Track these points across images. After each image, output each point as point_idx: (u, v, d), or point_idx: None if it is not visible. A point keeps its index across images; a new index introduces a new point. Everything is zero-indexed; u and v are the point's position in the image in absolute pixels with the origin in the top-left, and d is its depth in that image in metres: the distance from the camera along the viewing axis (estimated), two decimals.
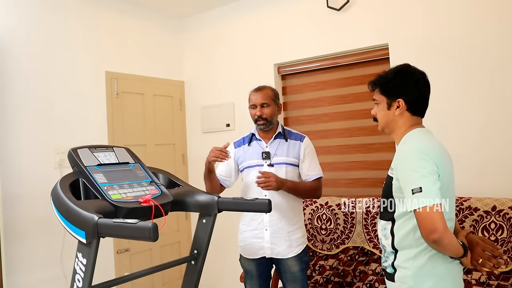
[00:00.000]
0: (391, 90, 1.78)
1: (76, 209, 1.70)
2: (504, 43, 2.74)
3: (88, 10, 3.55)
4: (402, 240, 1.71)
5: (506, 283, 2.46)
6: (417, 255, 1.67)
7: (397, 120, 1.78)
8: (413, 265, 1.67)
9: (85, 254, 1.68)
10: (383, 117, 1.82)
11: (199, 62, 4.31)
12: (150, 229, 1.46)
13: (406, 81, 1.77)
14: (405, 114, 1.77)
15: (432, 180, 1.57)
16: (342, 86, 3.50)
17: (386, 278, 1.81)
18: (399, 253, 1.72)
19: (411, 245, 1.68)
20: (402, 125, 1.78)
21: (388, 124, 1.81)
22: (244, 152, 2.59)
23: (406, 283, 1.68)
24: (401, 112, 1.76)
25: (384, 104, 1.80)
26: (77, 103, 3.42)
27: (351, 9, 3.33)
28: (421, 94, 1.78)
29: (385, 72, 1.85)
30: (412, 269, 1.67)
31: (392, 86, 1.79)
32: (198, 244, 2.17)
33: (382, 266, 1.85)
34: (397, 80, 1.79)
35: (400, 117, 1.77)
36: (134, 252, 3.75)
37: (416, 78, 1.78)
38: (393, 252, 1.75)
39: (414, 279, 1.66)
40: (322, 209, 3.23)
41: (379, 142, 3.25)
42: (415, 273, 1.66)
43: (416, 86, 1.77)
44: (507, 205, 2.53)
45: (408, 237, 1.69)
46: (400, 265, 1.71)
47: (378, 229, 1.86)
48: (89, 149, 2.10)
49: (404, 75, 1.80)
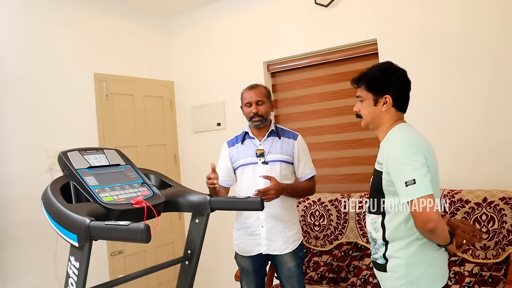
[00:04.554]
0: (377, 87, 1.83)
1: (68, 212, 1.68)
2: (495, 35, 2.76)
3: (75, 12, 3.52)
4: (394, 232, 1.75)
5: (498, 274, 2.48)
6: (409, 245, 1.72)
7: (383, 116, 1.83)
8: (405, 254, 1.72)
9: (78, 258, 1.66)
10: (369, 113, 1.86)
11: (188, 61, 4.29)
12: (142, 231, 1.45)
13: (392, 78, 1.83)
14: (391, 110, 1.82)
15: (423, 172, 1.62)
16: (332, 82, 3.51)
17: (377, 269, 1.85)
18: (390, 244, 1.77)
19: (402, 236, 1.73)
20: (387, 121, 1.83)
21: (374, 120, 1.86)
22: (238, 150, 2.59)
23: (398, 271, 1.73)
24: (387, 108, 1.81)
25: (370, 101, 1.84)
26: (66, 106, 3.39)
27: (339, 5, 3.34)
28: (405, 90, 1.85)
29: (369, 69, 1.90)
30: (404, 258, 1.72)
31: (379, 83, 1.83)
32: (192, 244, 2.16)
33: (372, 258, 1.88)
34: (383, 77, 1.84)
35: (386, 113, 1.82)
36: (128, 254, 3.73)
37: (400, 75, 1.85)
38: (384, 243, 1.79)
39: (406, 267, 1.72)
40: (315, 206, 3.24)
41: (370, 138, 3.25)
42: (407, 262, 1.72)
43: (401, 83, 1.84)
44: (498, 197, 2.55)
45: (400, 228, 1.74)
46: (392, 255, 1.76)
47: (367, 223, 1.90)
48: (79, 151, 2.09)
49: (389, 72, 1.85)
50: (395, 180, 1.67)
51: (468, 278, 2.53)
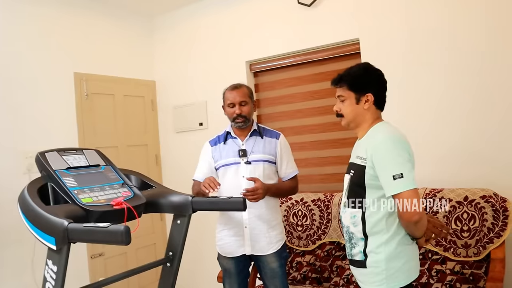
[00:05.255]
0: (360, 86, 1.89)
1: (45, 214, 1.64)
2: (475, 33, 2.77)
3: (54, 9, 3.45)
4: (374, 226, 1.80)
5: (479, 271, 2.51)
6: (389, 240, 1.78)
7: (364, 114, 1.89)
8: (385, 250, 1.78)
9: (56, 261, 1.63)
10: (351, 111, 1.91)
11: (170, 61, 4.25)
12: (122, 233, 1.43)
13: (372, 77, 1.91)
14: (372, 108, 1.89)
15: (409, 167, 1.72)
16: (315, 81, 3.51)
17: (355, 266, 1.89)
18: (370, 239, 1.81)
19: (382, 230, 1.79)
20: (368, 118, 1.90)
21: (356, 118, 1.91)
22: (220, 150, 2.56)
23: (379, 267, 1.79)
24: (369, 106, 1.88)
25: (352, 99, 1.90)
26: (45, 106, 3.32)
27: (322, 4, 3.34)
28: (383, 89, 1.92)
29: (348, 69, 1.96)
30: (385, 253, 1.78)
31: (360, 81, 1.90)
32: (173, 245, 2.14)
33: (350, 254, 1.91)
34: (365, 76, 1.91)
35: (368, 111, 1.89)
36: (108, 257, 3.68)
37: (379, 75, 1.93)
38: (363, 238, 1.83)
39: (386, 262, 1.78)
40: (298, 206, 3.23)
41: (352, 137, 3.21)
42: (387, 257, 1.78)
43: (380, 82, 1.92)
44: (478, 195, 2.58)
45: (381, 222, 1.79)
46: (373, 250, 1.81)
47: (345, 217, 1.92)
48: (57, 152, 2.05)
49: (370, 72, 1.93)
50: (381, 174, 1.74)
51: (450, 276, 2.55)
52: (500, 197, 2.54)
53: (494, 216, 2.51)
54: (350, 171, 1.91)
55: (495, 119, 2.74)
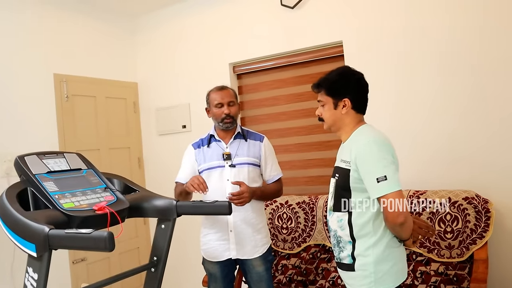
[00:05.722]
0: (336, 91, 1.90)
1: (24, 220, 1.60)
2: (467, 34, 2.78)
3: (33, 8, 3.37)
4: (361, 229, 1.80)
5: (463, 272, 2.53)
6: (377, 243, 1.78)
7: (343, 118, 1.90)
8: (374, 252, 1.78)
9: (36, 269, 1.58)
10: (330, 116, 1.92)
11: (152, 62, 4.20)
12: (105, 239, 1.39)
13: (350, 81, 1.90)
14: (351, 113, 1.89)
15: (393, 169, 1.73)
16: (298, 84, 3.50)
17: (343, 269, 1.89)
18: (358, 242, 1.81)
19: (369, 233, 1.80)
20: (349, 122, 1.90)
21: (335, 122, 1.92)
22: (204, 153, 2.53)
23: (367, 269, 1.79)
24: (347, 111, 1.89)
25: (330, 104, 1.91)
26: (24, 108, 3.24)
27: (305, 7, 3.33)
28: (363, 93, 1.93)
29: (327, 74, 1.96)
30: (373, 256, 1.78)
31: (337, 87, 1.90)
32: (158, 250, 2.11)
33: (338, 257, 1.90)
34: (341, 81, 1.91)
35: (347, 116, 1.89)
36: (91, 262, 3.61)
37: (357, 78, 1.92)
38: (351, 242, 1.83)
39: (374, 265, 1.78)
40: (283, 208, 3.22)
41: (337, 140, 3.18)
42: (375, 260, 1.78)
43: (359, 86, 1.91)
44: (461, 197, 2.60)
45: (368, 225, 1.79)
46: (361, 253, 1.80)
47: (331, 221, 1.92)
48: (37, 156, 2.00)
49: (347, 76, 1.92)
50: (365, 177, 1.74)
51: (434, 277, 2.57)
52: (482, 199, 2.56)
53: (477, 218, 2.53)
54: (335, 175, 1.91)
55: (480, 122, 2.76)
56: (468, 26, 2.77)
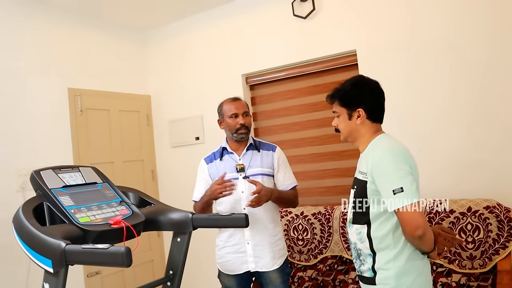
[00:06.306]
0: (350, 101, 1.86)
1: (41, 236, 1.58)
2: (477, 42, 2.76)
3: (48, 24, 3.41)
4: (381, 241, 1.75)
5: (486, 284, 2.46)
6: (397, 256, 1.72)
7: (359, 128, 1.86)
8: (395, 266, 1.72)
9: (53, 285, 1.56)
10: (345, 127, 1.89)
11: (165, 75, 4.21)
12: (123, 254, 1.37)
13: (363, 91, 1.86)
14: (366, 123, 1.85)
15: (410, 180, 1.66)
16: (312, 94, 3.48)
17: (364, 282, 1.84)
18: (378, 255, 1.76)
19: (389, 245, 1.74)
20: (365, 133, 1.86)
21: (351, 133, 1.88)
22: (217, 167, 2.51)
23: (389, 283, 1.73)
24: (362, 121, 1.84)
25: (345, 115, 1.88)
26: (39, 122, 3.26)
27: (317, 16, 3.32)
28: (378, 102, 1.88)
29: (341, 84, 1.93)
30: (394, 269, 1.72)
31: (350, 97, 1.87)
32: (174, 264, 2.08)
33: (359, 270, 1.86)
34: (355, 91, 1.87)
35: (362, 126, 1.85)
36: (105, 275, 3.59)
37: (371, 88, 1.87)
38: (371, 255, 1.78)
39: (396, 279, 1.72)
40: (298, 219, 3.18)
41: (351, 149, 3.23)
42: (397, 273, 1.72)
43: (373, 95, 1.86)
44: (482, 206, 2.55)
45: (387, 237, 1.74)
46: (382, 267, 1.75)
47: (351, 233, 1.88)
48: (53, 170, 1.99)
49: (360, 86, 1.89)
50: (382, 189, 1.69)
51: None
52: (504, 207, 2.51)
53: (499, 227, 2.48)
54: (354, 186, 1.87)
55: (497, 128, 2.72)
56: (476, 35, 2.76)
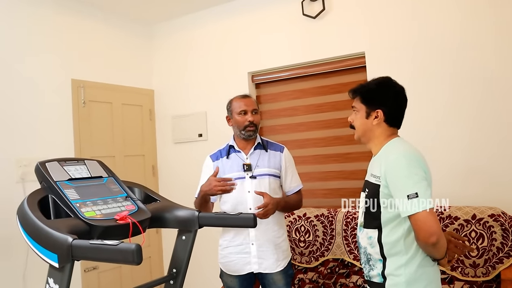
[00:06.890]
0: (371, 100, 1.82)
1: (47, 229, 1.55)
2: (483, 46, 2.75)
3: (52, 15, 3.36)
4: (392, 247, 1.72)
5: None
6: (409, 262, 1.69)
7: (374, 129, 1.82)
8: (406, 272, 1.69)
9: (58, 280, 1.53)
10: (360, 125, 1.85)
11: (169, 70, 4.17)
12: (133, 252, 1.33)
13: (387, 93, 1.82)
14: (382, 125, 1.81)
15: (425, 186, 1.63)
16: (318, 94, 3.45)
17: None
18: (389, 261, 1.73)
19: (401, 251, 1.71)
20: (379, 135, 1.82)
21: (366, 133, 1.85)
22: (223, 165, 2.47)
23: None
24: (378, 122, 1.81)
25: (363, 113, 1.83)
26: (41, 112, 3.21)
27: (327, 17, 3.29)
28: (399, 107, 1.84)
29: (366, 81, 1.90)
30: (405, 275, 1.69)
31: (373, 96, 1.83)
32: (177, 262, 2.05)
33: (368, 275, 1.82)
34: (379, 91, 1.83)
35: (378, 127, 1.81)
36: (102, 270, 3.55)
37: (396, 91, 1.84)
38: (381, 260, 1.75)
39: (406, 285, 1.68)
40: (300, 221, 3.15)
41: (356, 152, 3.21)
42: (407, 280, 1.69)
43: (396, 99, 1.83)
44: (486, 214, 2.53)
45: (399, 243, 1.71)
46: (392, 273, 1.72)
47: (361, 238, 1.84)
48: (58, 162, 1.95)
49: (386, 87, 1.84)
50: (395, 194, 1.66)
51: None
52: (509, 216, 2.49)
53: (504, 236, 2.46)
54: (366, 189, 1.84)
55: (500, 135, 2.71)
56: (481, 40, 2.76)
